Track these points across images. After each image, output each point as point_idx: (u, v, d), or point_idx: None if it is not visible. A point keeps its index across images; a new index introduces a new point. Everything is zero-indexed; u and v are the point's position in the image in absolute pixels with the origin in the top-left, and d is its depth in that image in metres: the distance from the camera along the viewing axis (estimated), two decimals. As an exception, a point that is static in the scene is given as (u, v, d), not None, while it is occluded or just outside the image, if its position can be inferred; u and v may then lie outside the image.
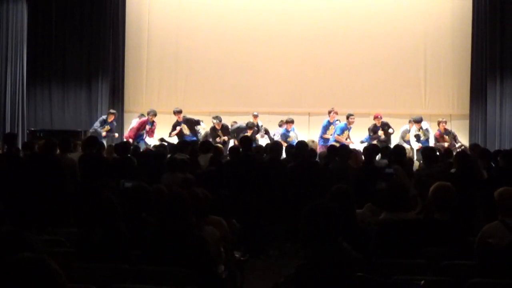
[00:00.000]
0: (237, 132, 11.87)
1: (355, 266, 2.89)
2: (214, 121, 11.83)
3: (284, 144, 11.07)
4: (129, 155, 7.93)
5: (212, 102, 13.81)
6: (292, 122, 12.21)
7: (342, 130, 11.82)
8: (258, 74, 14.03)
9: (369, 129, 12.14)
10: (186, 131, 11.90)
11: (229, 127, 12.04)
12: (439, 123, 12.12)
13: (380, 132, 11.89)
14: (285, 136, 12.10)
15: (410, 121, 12.22)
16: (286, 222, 6.94)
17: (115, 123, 12.43)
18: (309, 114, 13.77)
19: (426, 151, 7.28)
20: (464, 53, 13.83)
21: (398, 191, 4.19)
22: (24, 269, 1.69)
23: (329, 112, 12.14)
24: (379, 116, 12.06)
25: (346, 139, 11.68)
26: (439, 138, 11.97)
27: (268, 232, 7.00)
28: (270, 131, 12.63)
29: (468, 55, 13.77)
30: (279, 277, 3.77)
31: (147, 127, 11.99)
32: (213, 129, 11.81)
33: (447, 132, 12.14)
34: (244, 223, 5.39)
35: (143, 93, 14.25)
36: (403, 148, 7.68)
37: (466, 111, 13.75)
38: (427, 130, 11.96)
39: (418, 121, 11.94)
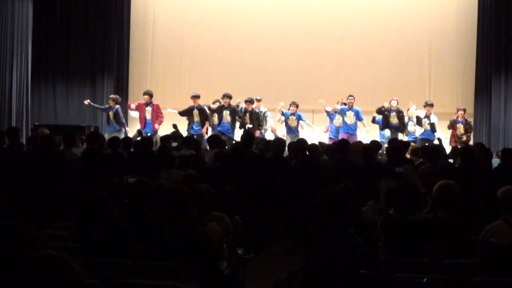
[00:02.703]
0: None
1: (365, 261, 2.87)
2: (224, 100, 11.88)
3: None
4: (119, 149, 7.89)
5: (216, 98, 13.76)
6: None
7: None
8: (262, 71, 14.01)
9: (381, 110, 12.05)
10: (196, 117, 11.89)
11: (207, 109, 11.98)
12: (457, 110, 12.07)
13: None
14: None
15: (425, 105, 12.08)
16: (288, 219, 6.94)
17: (117, 107, 12.28)
18: (313, 111, 13.72)
19: (429, 149, 7.25)
20: (469, 50, 13.77)
21: (409, 193, 4.16)
22: (45, 267, 1.66)
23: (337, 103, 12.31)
24: (394, 99, 11.98)
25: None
26: (454, 124, 11.91)
27: (271, 228, 7.00)
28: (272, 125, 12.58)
29: (473, 52, 13.71)
30: (282, 273, 3.77)
31: (148, 110, 11.96)
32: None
33: (465, 122, 12.03)
34: (246, 219, 5.38)
35: (147, 88, 14.21)
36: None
37: (471, 108, 13.67)
38: (433, 124, 11.84)
39: (430, 104, 11.84)
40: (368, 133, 11.93)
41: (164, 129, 11.79)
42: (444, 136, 11.80)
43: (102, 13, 13.89)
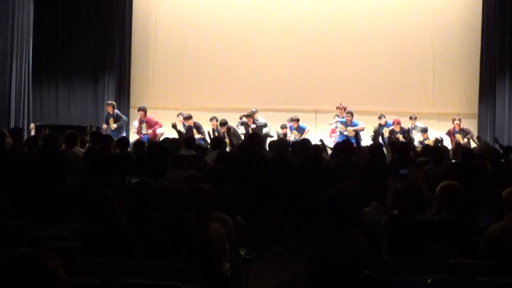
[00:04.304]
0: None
1: (369, 262, 2.87)
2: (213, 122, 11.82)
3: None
4: (128, 150, 7.96)
5: (218, 99, 13.82)
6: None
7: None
8: (264, 71, 14.02)
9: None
10: (196, 134, 11.91)
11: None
12: (453, 120, 12.06)
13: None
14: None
15: (411, 118, 12.07)
16: (291, 219, 6.95)
17: (116, 112, 12.34)
18: (316, 111, 13.74)
19: (433, 150, 7.26)
20: (473, 50, 13.75)
21: (413, 194, 4.16)
22: (17, 265, 1.66)
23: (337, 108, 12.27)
24: (396, 122, 11.91)
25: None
26: (450, 136, 11.91)
27: (273, 229, 7.01)
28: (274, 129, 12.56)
29: (477, 53, 13.68)
30: (284, 274, 3.77)
31: (143, 126, 11.97)
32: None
33: (463, 131, 12.01)
34: (248, 220, 5.39)
35: (149, 88, 14.27)
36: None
37: (475, 109, 13.67)
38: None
39: (424, 130, 11.79)
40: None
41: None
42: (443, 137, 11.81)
43: (104, 12, 13.92)
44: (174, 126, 10.47)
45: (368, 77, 13.84)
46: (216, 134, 11.40)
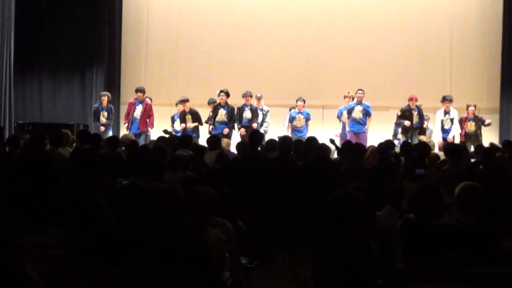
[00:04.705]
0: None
1: (381, 270, 2.88)
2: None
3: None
4: (118, 150, 7.97)
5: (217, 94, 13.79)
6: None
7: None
8: (267, 63, 14.02)
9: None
10: (189, 122, 11.94)
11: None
12: (467, 107, 12.06)
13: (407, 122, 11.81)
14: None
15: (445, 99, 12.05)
16: (296, 224, 6.94)
17: (110, 106, 12.39)
18: (323, 107, 13.74)
19: (450, 147, 7.25)
20: (494, 40, 13.74)
21: (431, 196, 4.15)
22: None
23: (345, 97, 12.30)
24: (414, 98, 11.98)
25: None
26: (463, 123, 11.92)
27: (276, 234, 7.00)
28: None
29: (498, 43, 13.67)
30: (289, 284, 3.78)
31: (138, 108, 11.97)
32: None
33: (477, 119, 12.02)
34: (250, 225, 5.39)
35: (141, 83, 14.20)
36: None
37: (496, 104, 13.67)
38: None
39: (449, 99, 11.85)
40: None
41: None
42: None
43: (91, 1, 13.91)
44: (166, 132, 10.51)
45: (379, 70, 13.84)
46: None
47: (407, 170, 6.59)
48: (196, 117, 12.04)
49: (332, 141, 9.09)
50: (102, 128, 12.02)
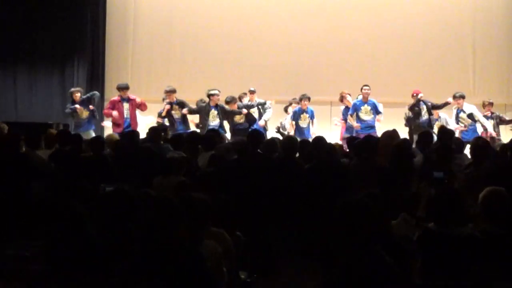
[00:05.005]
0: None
1: (396, 285, 2.87)
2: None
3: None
4: (104, 152, 7.95)
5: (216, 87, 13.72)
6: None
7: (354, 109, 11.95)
8: (269, 55, 14.04)
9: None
10: (177, 113, 11.93)
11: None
12: (483, 105, 12.06)
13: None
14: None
15: (454, 96, 12.10)
16: (301, 234, 6.93)
17: (84, 98, 12.37)
18: (331, 103, 13.72)
19: (474, 147, 7.21)
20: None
21: (453, 202, 4.13)
22: None
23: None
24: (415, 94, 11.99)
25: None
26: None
27: (279, 246, 7.00)
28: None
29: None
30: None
31: (126, 107, 12.00)
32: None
33: (493, 116, 12.04)
34: (250, 236, 5.38)
35: (128, 78, 14.22)
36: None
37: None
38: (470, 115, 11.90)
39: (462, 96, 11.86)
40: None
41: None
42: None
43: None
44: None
45: (395, 63, 13.87)
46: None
47: (425, 173, 6.56)
48: (183, 106, 12.03)
49: (346, 142, 9.05)
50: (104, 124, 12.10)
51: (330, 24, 14.04)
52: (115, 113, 11.87)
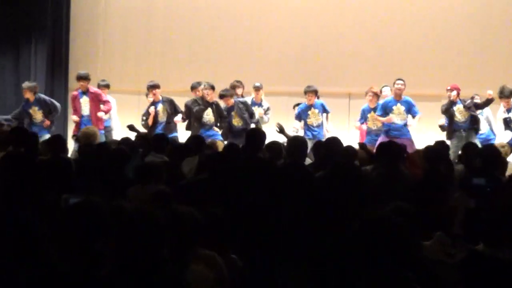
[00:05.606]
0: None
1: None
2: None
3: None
4: (65, 155, 7.96)
5: (202, 78, 13.73)
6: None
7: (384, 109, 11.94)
8: (273, 43, 14.15)
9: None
10: (162, 115, 11.97)
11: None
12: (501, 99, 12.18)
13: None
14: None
15: (502, 94, 12.13)
16: (311, 257, 6.93)
17: (40, 97, 12.39)
18: (349, 95, 13.78)
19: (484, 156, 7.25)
20: None
21: (502, 216, 4.13)
22: None
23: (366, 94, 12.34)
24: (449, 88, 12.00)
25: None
26: None
27: (284, 272, 6.99)
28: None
29: None
30: None
31: (84, 101, 12.10)
32: None
33: None
34: (248, 259, 5.39)
35: (97, 65, 14.33)
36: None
37: None
38: None
39: (507, 95, 11.91)
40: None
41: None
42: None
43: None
44: (131, 127, 10.57)
45: (422, 51, 13.94)
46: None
47: (464, 182, 6.56)
48: (172, 106, 12.07)
49: (362, 147, 9.04)
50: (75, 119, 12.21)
51: (348, 17, 14.28)
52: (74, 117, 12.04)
